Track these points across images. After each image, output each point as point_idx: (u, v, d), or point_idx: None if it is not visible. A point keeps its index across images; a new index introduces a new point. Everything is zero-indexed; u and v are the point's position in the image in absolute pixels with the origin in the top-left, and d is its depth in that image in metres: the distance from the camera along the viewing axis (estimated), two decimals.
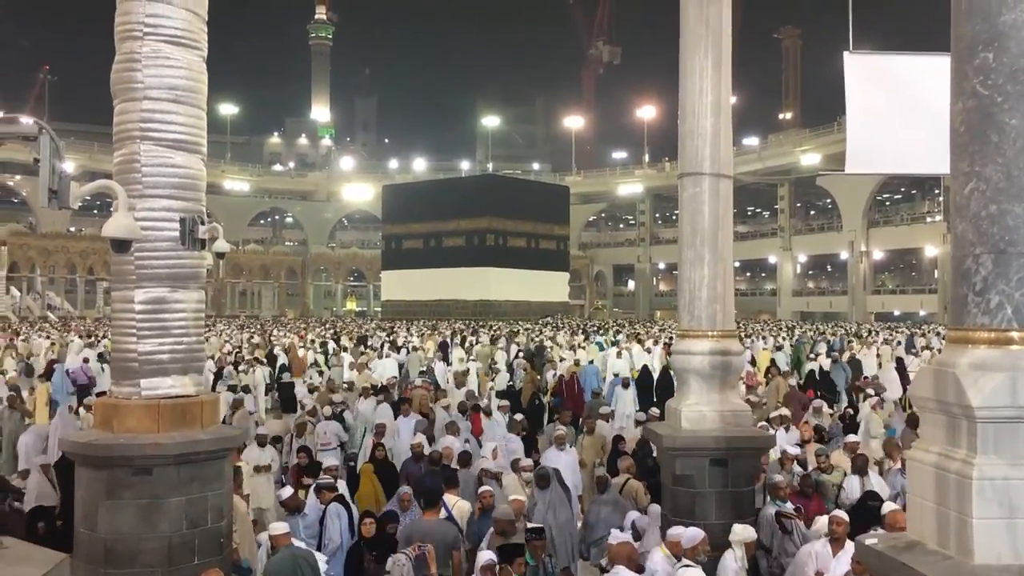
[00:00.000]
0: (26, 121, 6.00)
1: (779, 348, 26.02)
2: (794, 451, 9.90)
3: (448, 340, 29.85)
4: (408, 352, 24.61)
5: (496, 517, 7.17)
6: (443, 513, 7.94)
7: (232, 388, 16.40)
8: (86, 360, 20.11)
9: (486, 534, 7.22)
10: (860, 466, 9.09)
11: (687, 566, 6.00)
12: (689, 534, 6.23)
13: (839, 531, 6.68)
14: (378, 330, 39.99)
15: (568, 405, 16.21)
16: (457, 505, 8.34)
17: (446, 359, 23.69)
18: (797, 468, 9.31)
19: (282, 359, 23.18)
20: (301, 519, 8.03)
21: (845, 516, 6.91)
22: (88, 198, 7.84)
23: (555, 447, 10.78)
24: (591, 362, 21.71)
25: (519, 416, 13.48)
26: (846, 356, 22.71)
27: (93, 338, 29.78)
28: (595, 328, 42.04)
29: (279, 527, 7.06)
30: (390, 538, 7.18)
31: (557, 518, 8.07)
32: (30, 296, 65.88)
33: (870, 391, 15.92)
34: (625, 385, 16.99)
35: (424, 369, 21.20)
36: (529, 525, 6.92)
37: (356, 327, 44.75)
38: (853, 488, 8.75)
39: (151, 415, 6.51)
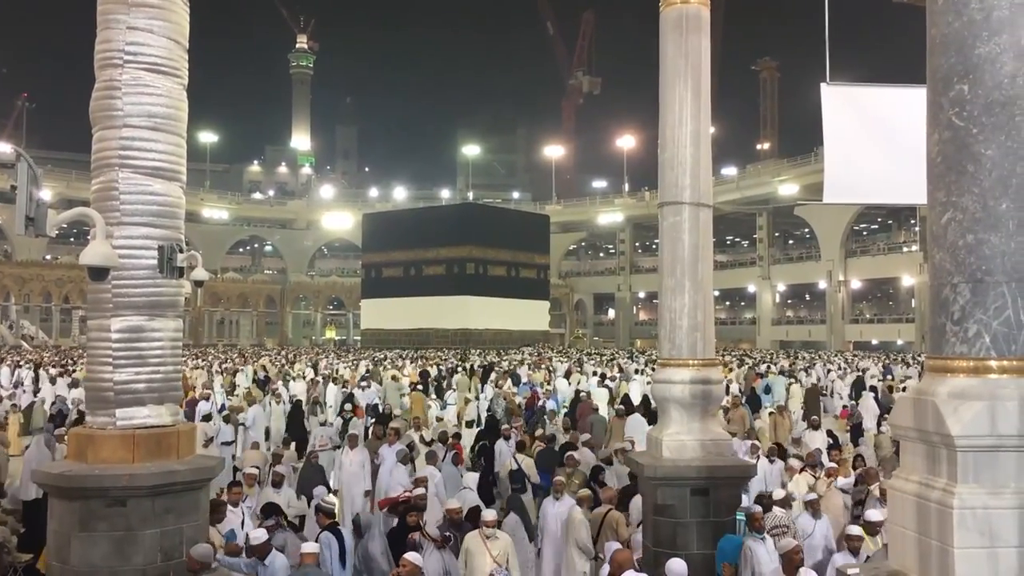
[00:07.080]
0: (3, 148, 5.96)
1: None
2: (780, 494, 9.01)
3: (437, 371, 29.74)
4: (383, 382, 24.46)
5: None
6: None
7: None
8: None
9: None
10: (816, 508, 8.60)
11: None
12: (675, 569, 6.11)
13: (796, 559, 6.59)
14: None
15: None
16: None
17: (426, 389, 23.62)
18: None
19: None
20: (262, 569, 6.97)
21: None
22: (64, 226, 7.70)
23: (551, 496, 9.23)
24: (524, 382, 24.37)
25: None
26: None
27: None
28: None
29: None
30: None
31: None
32: (4, 325, 65.09)
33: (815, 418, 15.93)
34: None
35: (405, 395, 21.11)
36: None
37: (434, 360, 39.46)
38: (806, 527, 8.31)
39: (126, 445, 6.41)
